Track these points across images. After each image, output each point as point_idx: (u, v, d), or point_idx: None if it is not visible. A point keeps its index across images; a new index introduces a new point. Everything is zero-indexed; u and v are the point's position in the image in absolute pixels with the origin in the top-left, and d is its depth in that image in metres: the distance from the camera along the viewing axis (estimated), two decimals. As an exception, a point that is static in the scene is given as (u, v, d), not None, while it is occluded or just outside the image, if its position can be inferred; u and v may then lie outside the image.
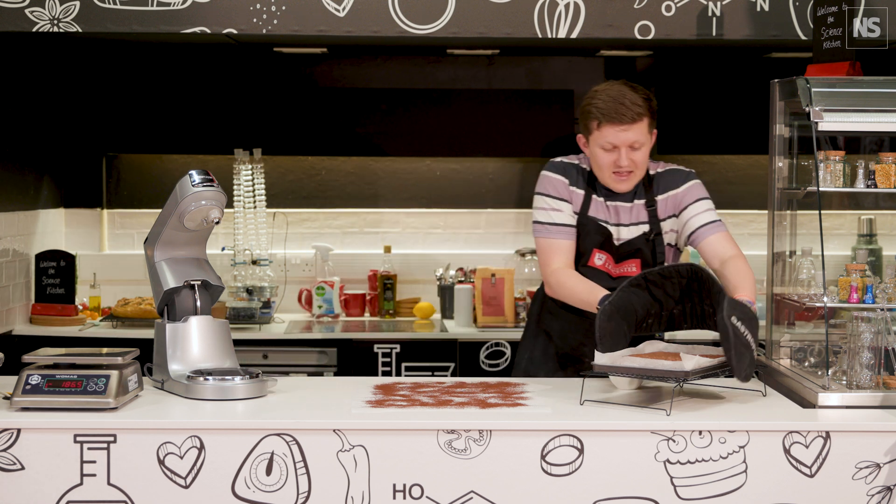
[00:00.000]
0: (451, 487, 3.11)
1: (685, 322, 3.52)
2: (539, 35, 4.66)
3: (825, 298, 3.55)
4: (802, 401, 3.43)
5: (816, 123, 3.50)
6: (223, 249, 5.75)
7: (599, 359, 3.34)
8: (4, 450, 3.08)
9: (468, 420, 3.14)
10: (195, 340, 3.55)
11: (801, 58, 4.44)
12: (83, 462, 3.09)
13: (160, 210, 3.57)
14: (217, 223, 3.54)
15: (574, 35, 4.66)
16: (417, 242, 5.97)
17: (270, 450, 3.11)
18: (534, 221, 3.85)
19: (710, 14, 4.66)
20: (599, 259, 3.82)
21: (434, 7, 4.65)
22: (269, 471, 3.11)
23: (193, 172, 3.51)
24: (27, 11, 4.57)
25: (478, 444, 3.11)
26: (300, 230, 5.93)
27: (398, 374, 5.20)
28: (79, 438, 3.09)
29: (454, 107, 5.87)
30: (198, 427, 3.12)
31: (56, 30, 4.58)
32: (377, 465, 3.11)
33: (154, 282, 3.61)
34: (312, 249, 5.86)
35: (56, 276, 5.43)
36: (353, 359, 5.20)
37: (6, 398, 3.25)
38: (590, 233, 3.81)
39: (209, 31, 4.63)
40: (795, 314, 3.86)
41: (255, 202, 5.73)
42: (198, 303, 3.59)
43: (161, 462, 3.10)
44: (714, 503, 3.13)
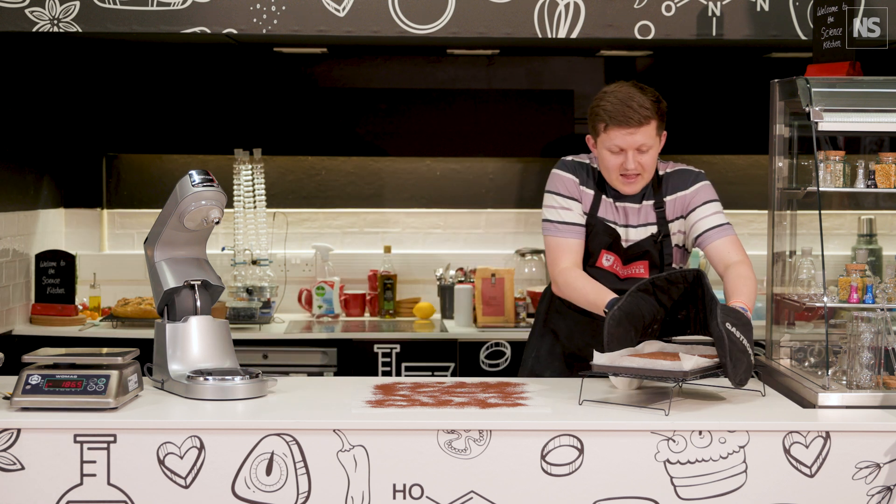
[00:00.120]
0: (451, 487, 3.11)
1: (689, 327, 3.52)
2: (539, 35, 4.66)
3: (825, 298, 3.55)
4: (802, 401, 3.43)
5: (816, 123, 3.50)
6: (223, 249, 5.74)
7: (598, 359, 3.34)
8: (4, 450, 3.08)
9: (468, 420, 3.14)
10: (195, 340, 3.55)
11: (801, 58, 4.44)
12: (83, 462, 3.08)
13: (160, 210, 3.57)
14: (217, 223, 3.54)
15: (574, 35, 4.66)
16: (417, 242, 5.96)
17: (270, 450, 3.11)
18: (543, 220, 3.82)
19: (710, 14, 4.66)
20: (607, 260, 3.81)
21: (434, 7, 4.65)
22: (269, 471, 3.11)
23: (193, 172, 3.51)
24: (27, 11, 4.57)
25: (478, 444, 3.11)
26: (300, 230, 5.93)
27: (398, 374, 5.19)
28: (79, 438, 3.09)
29: (454, 107, 5.86)
30: (198, 427, 3.11)
31: (56, 30, 4.58)
32: (377, 465, 3.11)
33: (154, 282, 3.61)
34: (312, 249, 5.86)
35: (56, 276, 5.43)
36: (353, 359, 5.19)
37: (6, 398, 3.25)
38: (598, 234, 3.79)
39: (209, 31, 4.63)
40: (795, 314, 3.86)
41: (255, 202, 5.73)
42: (198, 303, 3.59)
43: (161, 462, 3.10)
44: (714, 503, 3.14)
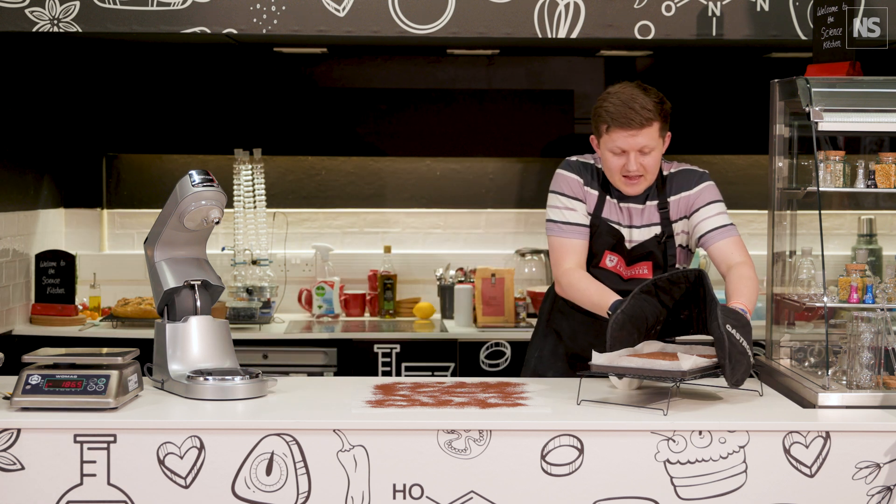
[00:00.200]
0: (451, 487, 3.11)
1: (691, 327, 3.52)
2: (539, 35, 4.65)
3: (825, 298, 3.55)
4: (802, 401, 3.43)
5: (816, 123, 3.50)
6: (223, 249, 5.74)
7: (597, 359, 3.33)
8: (4, 450, 3.08)
9: (468, 420, 3.14)
10: (195, 340, 3.54)
11: (801, 58, 4.44)
12: (83, 462, 3.08)
13: (160, 210, 3.57)
14: (217, 223, 3.54)
15: (574, 35, 4.66)
16: (417, 242, 5.96)
17: (270, 450, 3.11)
18: (547, 220, 3.82)
19: (710, 14, 4.66)
20: (611, 261, 3.81)
21: (434, 7, 4.64)
22: (269, 471, 3.11)
23: (193, 172, 3.51)
24: (27, 11, 4.57)
25: (478, 444, 3.11)
26: (300, 230, 5.93)
27: (398, 374, 5.19)
28: (79, 438, 3.09)
29: (454, 107, 5.86)
30: (198, 427, 3.11)
31: (56, 30, 4.58)
32: (377, 465, 3.11)
33: (154, 282, 3.61)
34: (312, 249, 5.86)
35: (56, 276, 5.43)
36: (353, 359, 5.19)
37: (6, 398, 3.25)
38: (602, 234, 3.79)
39: (209, 31, 4.63)
40: (795, 314, 3.86)
41: (255, 202, 5.73)
42: (198, 303, 3.59)
43: (161, 462, 3.10)
44: (714, 503, 3.14)
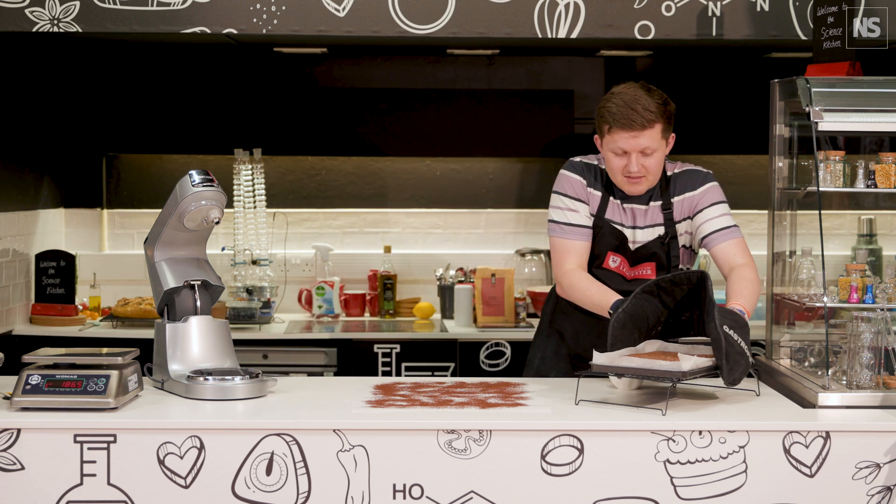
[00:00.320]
0: (451, 487, 3.11)
1: (692, 329, 3.51)
2: (539, 35, 4.65)
3: (825, 298, 3.55)
4: (802, 401, 3.43)
5: (816, 123, 3.50)
6: (223, 249, 5.74)
7: (597, 358, 3.33)
8: (4, 450, 3.08)
9: (468, 420, 3.14)
10: (195, 340, 3.54)
11: (801, 58, 4.44)
12: (83, 462, 3.08)
13: (160, 210, 3.57)
14: (217, 223, 3.54)
15: (574, 35, 4.66)
16: (417, 242, 5.96)
17: (270, 450, 3.11)
18: (549, 220, 3.81)
19: (710, 14, 4.66)
20: (614, 262, 3.80)
21: (434, 7, 4.64)
22: (269, 471, 3.11)
23: (193, 172, 3.51)
24: (27, 11, 4.57)
25: (478, 444, 3.11)
26: (300, 230, 5.93)
27: (398, 374, 5.19)
28: (79, 438, 3.09)
29: (454, 107, 5.86)
30: (198, 427, 3.11)
31: (56, 30, 4.58)
32: (377, 465, 3.11)
33: (154, 282, 3.61)
34: (312, 249, 5.86)
35: (56, 276, 5.43)
36: (353, 359, 5.19)
37: (6, 398, 3.25)
38: (605, 235, 3.78)
39: (209, 31, 4.63)
40: (795, 314, 3.86)
41: (255, 202, 5.73)
42: (198, 303, 3.59)
43: (161, 462, 3.10)
44: (714, 503, 3.14)
